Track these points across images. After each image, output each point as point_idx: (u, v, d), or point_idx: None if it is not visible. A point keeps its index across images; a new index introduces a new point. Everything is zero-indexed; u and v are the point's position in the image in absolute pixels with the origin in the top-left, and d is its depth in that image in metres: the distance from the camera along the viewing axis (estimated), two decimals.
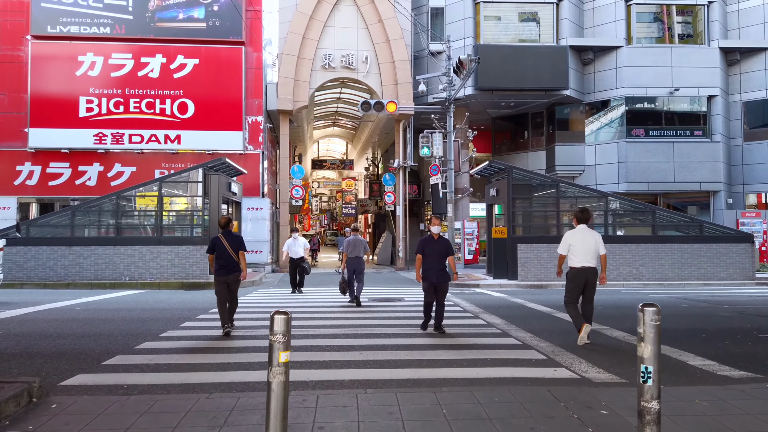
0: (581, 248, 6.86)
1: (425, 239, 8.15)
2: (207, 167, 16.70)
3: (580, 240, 6.92)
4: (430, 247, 8.01)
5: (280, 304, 11.65)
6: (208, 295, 13.44)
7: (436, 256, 7.94)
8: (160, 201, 16.53)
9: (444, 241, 8.10)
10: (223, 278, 7.62)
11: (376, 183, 34.82)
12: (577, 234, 7.00)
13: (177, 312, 10.20)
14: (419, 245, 8.10)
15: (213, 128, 21.64)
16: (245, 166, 20.28)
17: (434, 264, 7.93)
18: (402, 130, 24.08)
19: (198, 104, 21.59)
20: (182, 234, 17.02)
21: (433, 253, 7.96)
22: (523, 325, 8.65)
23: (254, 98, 22.11)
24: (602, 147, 23.15)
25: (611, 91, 22.97)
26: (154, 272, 16.17)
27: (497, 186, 17.91)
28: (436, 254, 7.96)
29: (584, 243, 6.89)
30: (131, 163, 21.39)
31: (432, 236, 8.14)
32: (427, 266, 7.96)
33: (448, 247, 8.08)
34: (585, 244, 6.88)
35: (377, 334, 7.85)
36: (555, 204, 17.10)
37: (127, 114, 21.41)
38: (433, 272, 7.92)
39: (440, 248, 8.01)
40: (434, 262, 7.93)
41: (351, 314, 9.88)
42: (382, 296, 13.04)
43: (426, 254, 7.99)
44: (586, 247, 6.86)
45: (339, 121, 33.52)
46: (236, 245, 7.77)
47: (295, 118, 24.11)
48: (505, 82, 21.92)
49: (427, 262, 7.96)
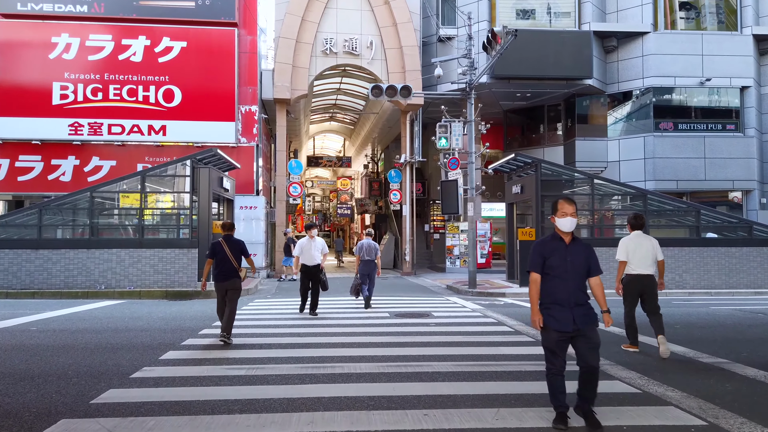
0: (638, 254, 6.73)
1: (545, 241, 4.34)
2: (196, 159, 14.65)
3: (637, 246, 6.77)
4: (559, 257, 4.21)
5: (287, 323, 9.63)
6: (197, 307, 11.40)
7: (571, 274, 4.18)
8: (142, 198, 14.44)
9: (583, 248, 4.32)
10: (221, 284, 7.47)
11: (376, 181, 32.87)
12: (633, 240, 6.85)
13: (157, 334, 8.16)
14: (535, 254, 4.28)
15: (202, 118, 19.55)
16: (238, 161, 18.22)
17: (567, 289, 4.16)
18: (409, 123, 22.13)
19: (185, 92, 19.50)
20: (167, 236, 14.95)
21: (565, 268, 4.18)
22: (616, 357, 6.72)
23: (248, 86, 20.05)
24: (627, 142, 21.35)
25: (636, 81, 21.18)
26: (134, 279, 14.08)
27: (522, 182, 16.02)
28: (572, 270, 4.19)
29: (641, 249, 6.76)
30: (111, 157, 19.24)
31: (558, 236, 4.30)
32: (555, 293, 4.18)
33: (590, 257, 4.31)
34: (642, 250, 6.75)
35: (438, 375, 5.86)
36: (589, 202, 15.25)
37: (106, 102, 19.27)
38: (566, 308, 4.13)
39: (579, 259, 4.24)
40: (568, 285, 4.16)
41: (384, 338, 7.90)
42: (403, 308, 11.06)
43: (552, 270, 4.21)
44: (643, 254, 6.73)
45: (337, 115, 31.49)
46: (238, 251, 7.55)
47: (293, 108, 22.08)
48: (524, 69, 20.04)
49: (554, 285, 4.20)
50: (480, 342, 7.44)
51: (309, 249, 10.21)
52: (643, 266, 6.70)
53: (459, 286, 15.87)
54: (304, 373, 5.66)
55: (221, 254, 7.42)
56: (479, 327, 8.79)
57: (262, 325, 9.07)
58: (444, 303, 12.53)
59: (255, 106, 20.03)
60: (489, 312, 10.63)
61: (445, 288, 16.63)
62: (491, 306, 11.85)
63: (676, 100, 21.08)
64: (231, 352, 6.76)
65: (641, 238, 6.84)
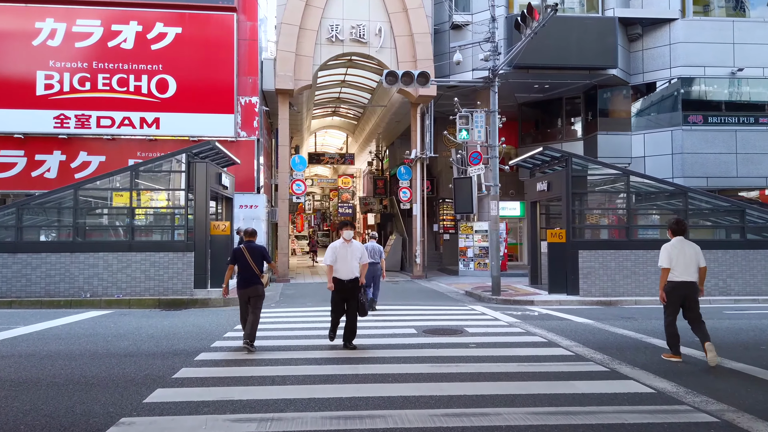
0: (681, 261, 6.63)
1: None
2: (192, 153, 13.23)
3: (679, 252, 6.67)
4: None
5: (300, 342, 8.23)
6: (192, 320, 10.01)
7: None
8: (132, 196, 13.02)
9: None
10: (243, 291, 7.42)
11: (381, 179, 31.48)
12: (676, 246, 6.74)
13: (145, 361, 6.75)
14: None
15: (198, 110, 18.11)
16: (237, 156, 16.79)
17: None
18: (420, 116, 20.73)
19: (180, 81, 18.05)
20: (160, 237, 13.55)
21: None
22: (703, 389, 5.37)
23: (248, 75, 18.62)
24: (653, 136, 20.00)
25: (663, 72, 19.84)
26: (123, 286, 12.67)
27: (548, 179, 14.65)
28: None
29: (684, 255, 6.66)
30: (100, 152, 17.77)
31: None
32: None
33: None
34: (685, 256, 6.66)
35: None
36: (625, 200, 13.92)
37: (94, 92, 17.81)
38: None
39: None
40: None
41: (421, 365, 6.50)
42: (428, 322, 9.68)
43: None
44: (686, 260, 6.64)
45: (340, 110, 30.06)
46: (260, 257, 7.46)
47: (296, 101, 20.66)
48: (544, 58, 18.62)
49: None
50: (543, 373, 6.06)
51: (346, 255, 7.50)
52: (687, 273, 6.58)
53: (480, 292, 14.51)
54: (334, 430, 4.27)
55: (243, 261, 7.34)
56: (529, 349, 7.41)
57: (270, 347, 7.66)
58: (470, 314, 11.15)
59: (255, 97, 18.61)
60: (529, 327, 9.24)
61: (464, 294, 15.26)
62: (526, 318, 10.47)
63: (706, 91, 19.73)
64: (238, 391, 5.36)
65: (684, 243, 6.73)
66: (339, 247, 7.57)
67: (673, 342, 6.69)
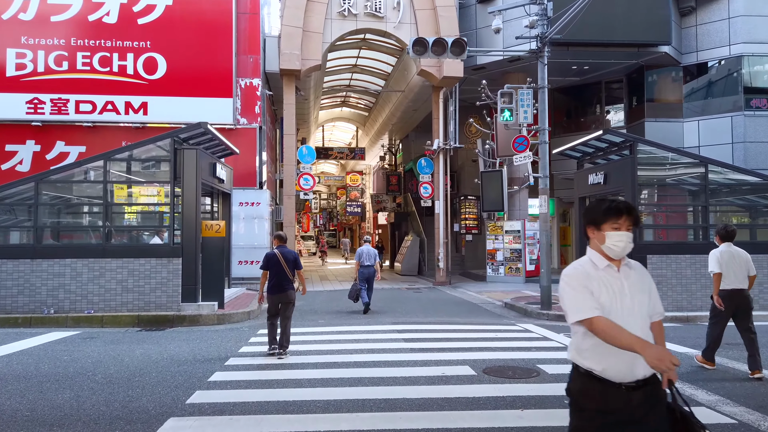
0: (731, 268, 6.21)
1: None
2: (179, 138, 10.92)
3: (729, 259, 6.22)
4: None
5: (323, 395, 5.91)
6: (174, 347, 7.69)
7: None
8: (106, 190, 10.72)
9: None
10: (274, 296, 7.30)
11: (394, 175, 29.15)
12: (726, 252, 6.28)
13: (99, 427, 4.43)
14: None
15: (192, 94, 15.84)
16: (237, 145, 14.45)
17: None
18: (443, 102, 18.39)
19: (171, 61, 15.79)
20: (140, 241, 11.26)
21: None
22: None
23: (249, 54, 16.33)
24: (709, 123, 17.57)
25: (721, 49, 17.39)
26: (95, 300, 10.38)
27: (604, 170, 12.26)
28: None
29: (734, 263, 6.23)
30: (79, 141, 15.51)
31: None
32: None
33: None
34: (735, 264, 6.23)
35: None
36: (701, 195, 11.55)
37: (73, 73, 15.57)
38: None
39: None
40: None
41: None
42: (484, 354, 7.34)
43: None
44: (736, 268, 6.22)
45: (350, 100, 27.71)
46: (292, 263, 7.35)
47: (303, 84, 18.35)
48: (587, 34, 16.21)
49: None
50: None
51: None
52: (738, 281, 6.27)
53: (524, 304, 12.16)
54: None
55: (277, 266, 7.29)
56: None
57: (274, 407, 5.33)
58: (527, 337, 8.81)
59: (257, 79, 16.31)
60: None
61: (502, 306, 12.91)
62: None
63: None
64: None
65: (734, 250, 6.37)
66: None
67: (713, 349, 6.44)
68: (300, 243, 43.80)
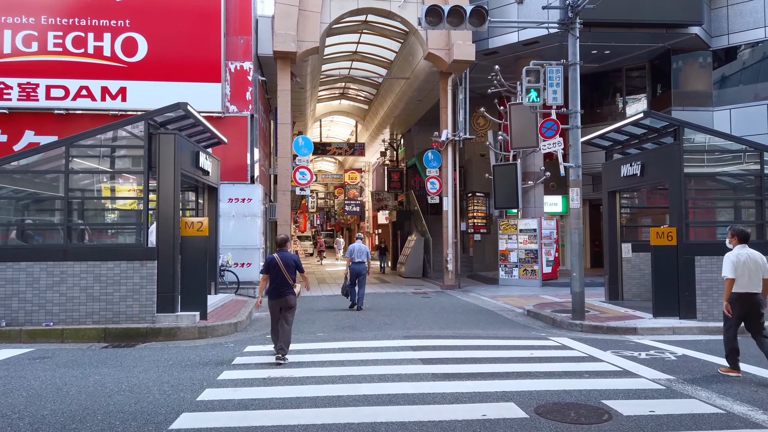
0: (746, 271, 6.08)
1: None
2: (154, 121, 9.40)
3: (745, 262, 6.10)
4: None
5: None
6: (140, 372, 6.20)
7: None
8: (67, 181, 9.19)
9: None
10: (275, 301, 7.17)
11: (396, 171, 27.66)
12: (741, 255, 6.14)
13: None
14: None
15: (176, 78, 14.31)
16: (226, 135, 12.91)
17: None
18: (451, 89, 16.90)
19: (153, 42, 14.26)
20: (109, 241, 9.75)
21: None
22: None
23: (239, 35, 14.81)
24: (742, 112, 16.14)
25: (756, 31, 15.97)
26: (56, 311, 8.84)
27: (642, 159, 10.79)
28: None
29: (750, 265, 6.09)
30: (50, 130, 13.92)
31: None
32: None
33: None
34: (750, 266, 6.08)
35: None
36: (756, 186, 10.09)
37: (43, 55, 14.04)
38: None
39: None
40: None
41: None
42: (526, 382, 5.85)
43: None
44: (751, 270, 6.07)
45: (349, 91, 26.18)
46: (293, 267, 7.23)
47: (299, 70, 16.82)
48: (612, 13, 14.81)
49: None
50: None
51: None
52: (752, 284, 6.08)
53: (550, 312, 10.67)
54: None
55: (276, 270, 7.15)
56: None
57: None
58: (569, 356, 7.31)
59: (249, 62, 14.79)
60: (715, 397, 5.37)
61: (524, 314, 11.43)
62: (669, 366, 6.62)
63: None
64: None
65: (750, 253, 6.17)
66: None
67: (733, 356, 6.17)
68: (296, 243, 42.26)
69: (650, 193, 14.08)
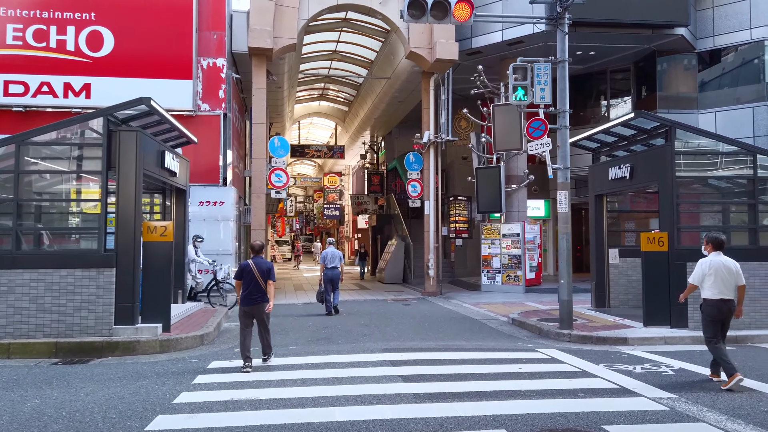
0: (719, 278, 6.11)
1: None
2: (114, 117, 8.70)
3: (718, 268, 6.13)
4: None
5: None
6: (86, 395, 5.44)
7: None
8: (18, 181, 8.44)
9: None
10: (247, 308, 7.03)
11: (376, 174, 27.10)
12: (715, 262, 6.18)
13: None
14: None
15: (144, 74, 13.61)
16: (198, 134, 12.21)
17: None
18: (434, 89, 16.41)
19: (120, 36, 13.54)
20: (63, 246, 9.02)
21: None
22: None
23: (212, 30, 14.15)
24: (728, 115, 15.90)
25: (741, 33, 15.76)
26: (2, 323, 8.10)
27: (631, 162, 10.38)
28: None
29: (723, 272, 6.12)
30: (8, 129, 12.94)
31: None
32: None
33: None
34: (723, 273, 6.12)
35: None
36: (749, 190, 9.74)
37: (2, 49, 13.24)
38: None
39: None
40: None
41: None
42: (514, 402, 5.32)
43: None
44: (724, 277, 6.11)
45: (328, 92, 25.58)
46: (266, 274, 7.04)
47: (275, 68, 16.19)
48: (598, 12, 14.48)
49: None
50: None
51: None
52: (726, 291, 6.11)
53: (535, 321, 10.18)
54: None
55: (249, 276, 6.99)
56: None
57: None
58: (559, 370, 6.79)
59: (222, 59, 14.13)
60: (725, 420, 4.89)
61: (509, 323, 10.92)
62: (679, 386, 6.14)
63: None
64: None
65: (724, 260, 6.19)
66: None
67: (726, 361, 5.98)
68: (274, 248, 41.44)
69: (633, 197, 13.74)
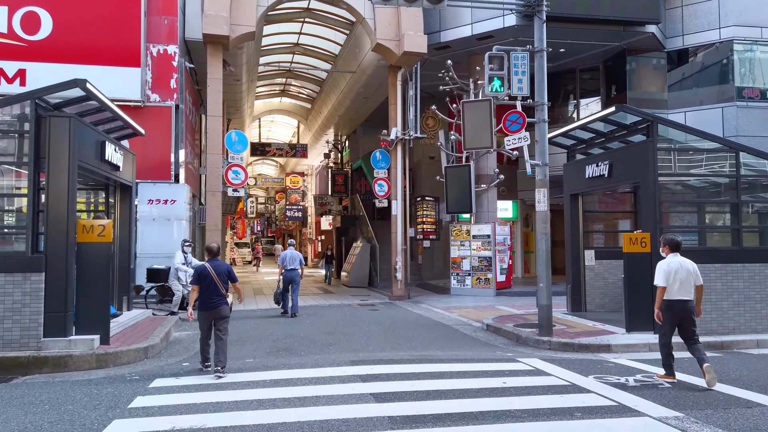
0: (677, 279, 6.24)
1: None
2: (45, 101, 7.66)
3: (677, 270, 6.26)
4: None
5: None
6: (7, 424, 4.48)
7: None
8: None
9: None
10: (206, 313, 6.81)
11: (341, 174, 26.26)
12: (672, 263, 6.33)
13: None
14: None
15: (86, 61, 12.45)
16: (148, 127, 11.18)
17: None
18: (401, 84, 15.71)
19: (59, 18, 12.37)
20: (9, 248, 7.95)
21: None
22: None
23: (163, 15, 13.09)
24: (697, 115, 15.73)
25: (710, 33, 15.63)
26: None
27: (610, 159, 9.90)
28: None
29: (681, 273, 6.26)
30: None
31: None
32: None
33: None
34: (682, 274, 6.26)
35: None
36: (731, 189, 9.38)
37: None
38: None
39: None
40: None
41: None
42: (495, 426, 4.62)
43: None
44: (682, 278, 6.25)
45: (291, 88, 24.61)
46: (225, 276, 6.84)
47: (233, 59, 15.21)
48: (570, 7, 14.13)
49: None
50: None
51: None
52: (683, 292, 6.23)
53: (512, 327, 9.58)
54: None
55: (208, 280, 6.74)
56: None
57: None
58: (545, 383, 6.15)
59: (174, 46, 13.09)
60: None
61: (483, 329, 10.28)
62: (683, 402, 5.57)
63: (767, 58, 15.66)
64: None
65: (682, 261, 6.34)
66: None
67: (668, 362, 6.30)
68: (234, 251, 40.06)
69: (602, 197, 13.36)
